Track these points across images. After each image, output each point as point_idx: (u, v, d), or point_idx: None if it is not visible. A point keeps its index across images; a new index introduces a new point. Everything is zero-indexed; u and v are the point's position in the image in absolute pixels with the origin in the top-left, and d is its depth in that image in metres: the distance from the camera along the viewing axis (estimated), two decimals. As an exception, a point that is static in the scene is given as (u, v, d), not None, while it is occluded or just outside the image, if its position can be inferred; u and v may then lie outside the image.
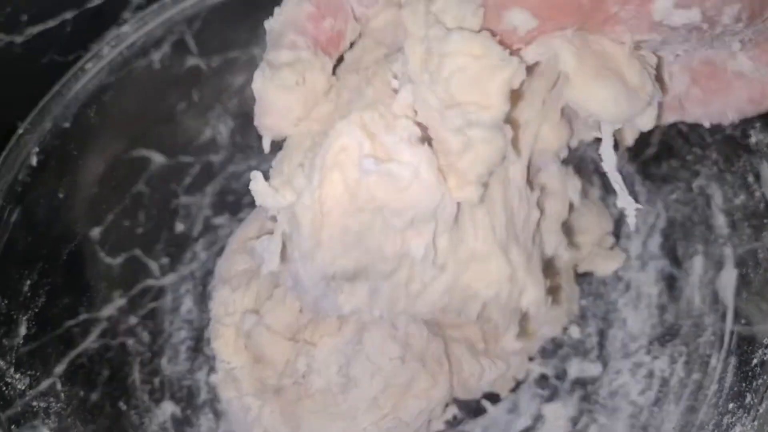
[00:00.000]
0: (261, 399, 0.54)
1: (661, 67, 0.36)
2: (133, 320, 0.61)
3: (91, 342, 0.58)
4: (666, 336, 0.53)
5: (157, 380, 0.59)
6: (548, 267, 0.47)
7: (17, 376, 0.51)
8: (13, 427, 0.48)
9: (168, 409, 0.58)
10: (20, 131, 0.56)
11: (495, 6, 0.30)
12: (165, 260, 0.64)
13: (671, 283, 0.55)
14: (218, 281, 0.63)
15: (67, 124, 0.58)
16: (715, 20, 0.29)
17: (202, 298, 0.63)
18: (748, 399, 0.43)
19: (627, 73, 0.33)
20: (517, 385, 0.58)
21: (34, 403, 0.51)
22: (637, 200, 0.58)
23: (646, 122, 0.35)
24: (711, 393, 0.47)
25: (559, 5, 0.29)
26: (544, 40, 0.32)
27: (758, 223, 0.49)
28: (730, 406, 0.45)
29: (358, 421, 0.52)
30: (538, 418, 0.56)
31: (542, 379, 0.58)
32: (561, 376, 0.57)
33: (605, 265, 0.58)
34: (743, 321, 0.48)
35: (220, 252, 0.65)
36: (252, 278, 0.60)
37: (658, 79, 0.35)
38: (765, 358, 0.44)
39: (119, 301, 0.61)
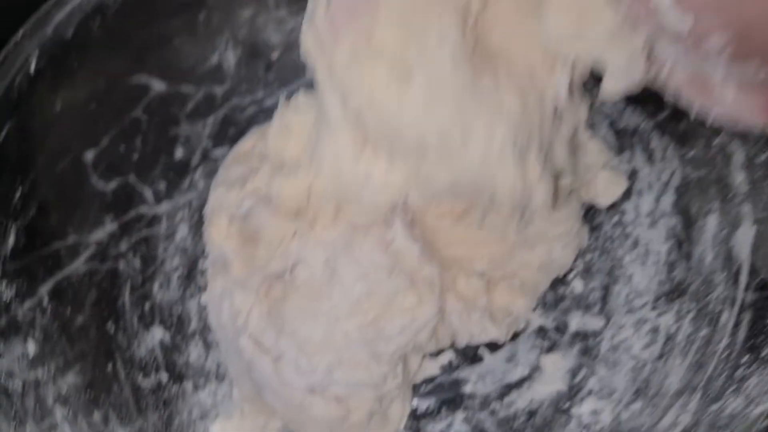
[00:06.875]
0: (249, 294, 0.52)
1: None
2: (124, 246, 0.59)
3: (79, 265, 0.56)
4: (674, 293, 0.53)
5: (147, 305, 0.57)
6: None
7: (3, 287, 0.49)
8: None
9: (157, 334, 0.56)
10: (20, 35, 0.53)
11: None
12: (161, 187, 0.62)
13: (682, 241, 0.54)
14: (213, 187, 0.61)
15: (68, 35, 0.55)
16: (701, 39, 0.33)
17: (197, 228, 0.61)
18: (766, 352, 0.43)
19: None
20: (516, 335, 0.57)
21: (20, 318, 0.49)
22: (652, 157, 0.57)
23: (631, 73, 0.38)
24: (722, 348, 0.46)
25: None
26: None
27: (782, 180, 0.48)
28: (744, 359, 0.44)
29: (340, 324, 0.50)
30: (536, 368, 0.55)
31: (541, 331, 0.57)
32: (561, 328, 0.56)
33: (608, 191, 0.56)
34: (760, 277, 0.47)
35: (218, 182, 0.63)
36: (247, 179, 0.58)
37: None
38: (784, 313, 0.43)
39: (110, 226, 0.58)
